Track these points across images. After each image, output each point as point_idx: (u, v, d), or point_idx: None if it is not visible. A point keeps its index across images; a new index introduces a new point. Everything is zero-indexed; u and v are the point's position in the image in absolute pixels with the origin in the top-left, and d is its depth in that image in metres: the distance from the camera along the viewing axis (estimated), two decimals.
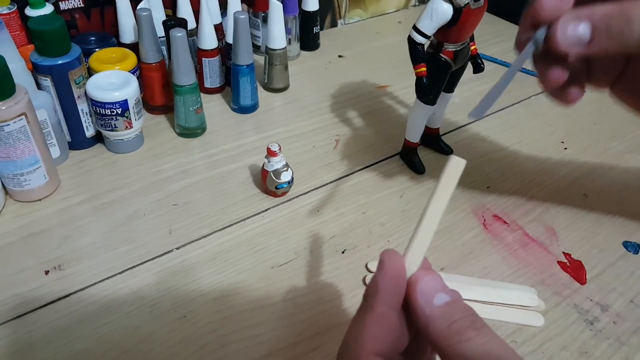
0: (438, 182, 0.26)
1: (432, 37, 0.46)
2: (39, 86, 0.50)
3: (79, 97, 0.52)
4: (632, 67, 0.38)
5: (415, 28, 0.45)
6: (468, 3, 0.43)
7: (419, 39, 0.45)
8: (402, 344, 0.26)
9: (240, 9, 0.65)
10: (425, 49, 0.47)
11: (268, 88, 0.68)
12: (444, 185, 0.26)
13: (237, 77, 0.60)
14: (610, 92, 0.40)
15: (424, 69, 0.47)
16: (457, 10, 0.43)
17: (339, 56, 0.77)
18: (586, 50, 0.32)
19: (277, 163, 0.48)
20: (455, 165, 0.26)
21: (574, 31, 0.31)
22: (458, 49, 0.47)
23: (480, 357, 0.23)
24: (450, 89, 0.52)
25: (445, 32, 0.45)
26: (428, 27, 0.44)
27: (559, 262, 0.45)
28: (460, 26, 0.44)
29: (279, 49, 0.64)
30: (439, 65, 0.47)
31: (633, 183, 0.54)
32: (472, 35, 0.49)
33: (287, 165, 0.49)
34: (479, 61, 0.51)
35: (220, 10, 0.67)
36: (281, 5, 0.63)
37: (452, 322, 0.24)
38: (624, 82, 0.39)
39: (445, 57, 0.47)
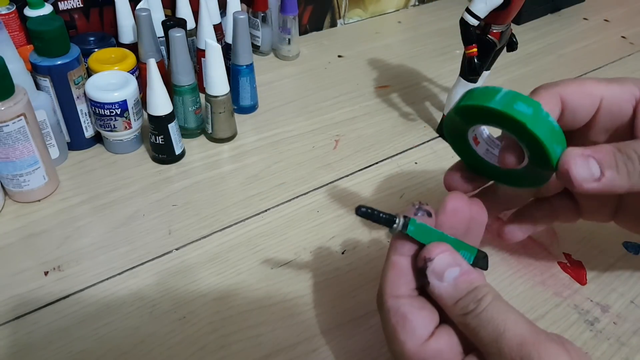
0: None
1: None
2: (38, 87, 0.50)
3: (78, 97, 0.52)
4: (631, 198, 0.38)
5: (468, 11, 0.48)
6: None
7: (471, 20, 0.49)
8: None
9: (240, 9, 0.65)
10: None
11: (212, 139, 0.58)
12: None
13: (237, 77, 0.60)
14: (615, 223, 0.41)
15: (476, 49, 0.50)
16: None
17: (339, 56, 0.77)
18: (598, 187, 0.30)
19: None
20: None
21: (586, 168, 0.30)
22: (504, 29, 0.51)
23: (482, 325, 0.27)
24: (488, 67, 0.55)
25: (495, 14, 0.49)
26: (482, 10, 0.48)
27: (559, 263, 0.45)
28: (510, 9, 0.48)
29: (222, 95, 0.55)
30: (486, 45, 0.51)
31: None
32: None
33: None
34: (514, 40, 0.54)
35: (220, 10, 0.66)
36: (219, 47, 0.52)
37: (458, 299, 0.29)
38: (627, 213, 0.39)
39: (492, 37, 0.50)
